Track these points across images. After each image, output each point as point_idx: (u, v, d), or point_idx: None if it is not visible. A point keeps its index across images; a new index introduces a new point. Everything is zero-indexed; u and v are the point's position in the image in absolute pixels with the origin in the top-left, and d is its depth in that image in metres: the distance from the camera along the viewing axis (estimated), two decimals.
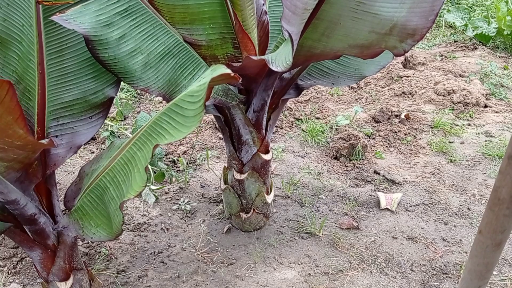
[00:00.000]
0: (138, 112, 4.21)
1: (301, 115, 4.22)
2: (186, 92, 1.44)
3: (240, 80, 2.22)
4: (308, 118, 4.15)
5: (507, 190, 1.05)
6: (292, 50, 1.82)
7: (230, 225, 2.83)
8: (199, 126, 4.07)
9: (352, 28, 1.74)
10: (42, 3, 1.72)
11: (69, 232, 1.89)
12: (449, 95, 4.43)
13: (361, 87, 4.87)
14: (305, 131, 3.93)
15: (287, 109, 4.27)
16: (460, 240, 2.68)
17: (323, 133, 3.87)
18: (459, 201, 3.04)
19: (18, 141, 1.32)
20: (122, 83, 2.02)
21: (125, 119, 4.21)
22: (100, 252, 2.61)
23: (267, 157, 2.57)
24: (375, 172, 3.37)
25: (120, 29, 1.87)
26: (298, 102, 4.46)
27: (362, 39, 1.76)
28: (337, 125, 3.96)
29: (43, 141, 1.55)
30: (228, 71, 1.36)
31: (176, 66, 2.07)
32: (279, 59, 1.91)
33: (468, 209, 2.96)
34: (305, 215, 2.93)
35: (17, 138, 1.29)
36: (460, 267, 2.48)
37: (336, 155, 3.58)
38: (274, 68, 1.87)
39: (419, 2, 1.64)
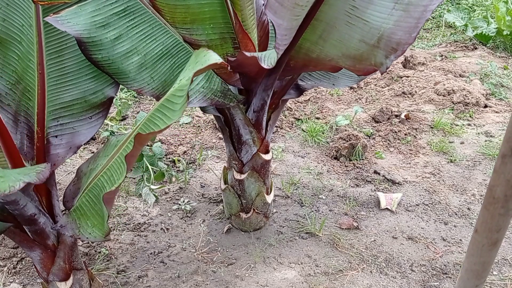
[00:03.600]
0: (138, 112, 4.21)
1: (301, 115, 4.22)
2: (177, 87, 1.43)
3: (240, 80, 2.24)
4: (308, 118, 4.15)
5: (501, 189, 1.05)
6: (276, 42, 1.82)
7: (230, 225, 2.83)
8: (199, 126, 4.07)
9: (345, 33, 1.77)
10: (37, 3, 1.71)
11: (66, 231, 1.88)
12: (449, 95, 4.43)
13: (361, 87, 4.87)
14: (305, 131, 3.93)
15: (287, 109, 4.27)
16: (460, 240, 2.68)
17: (323, 133, 3.87)
18: (459, 201, 3.04)
19: None
20: None
21: (124, 119, 4.21)
22: (100, 252, 2.61)
23: (267, 157, 2.57)
24: (375, 172, 3.37)
25: (116, 29, 1.85)
26: (298, 102, 4.46)
27: (354, 49, 1.79)
28: (337, 125, 3.96)
29: (13, 186, 1.47)
30: (216, 59, 1.34)
31: (173, 67, 2.07)
32: (272, 57, 1.91)
33: (468, 209, 2.96)
34: (305, 215, 2.93)
35: None
36: (460, 267, 2.48)
37: (336, 155, 3.58)
38: (264, 66, 1.87)
39: (405, 17, 1.67)
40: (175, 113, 1.40)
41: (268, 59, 1.90)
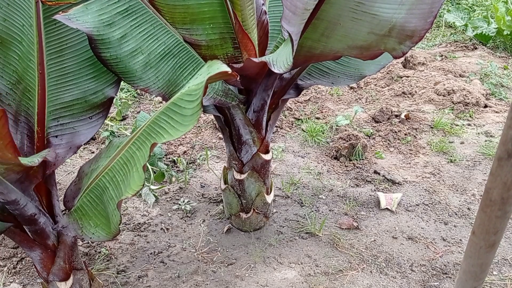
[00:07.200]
0: (138, 112, 4.21)
1: (301, 115, 4.22)
2: (184, 91, 1.44)
3: (240, 80, 2.24)
4: (308, 118, 4.15)
5: (498, 191, 1.06)
6: (292, 51, 1.82)
7: (230, 225, 2.83)
8: (199, 126, 4.07)
9: (351, 28, 1.74)
10: (45, 3, 1.72)
11: (68, 232, 1.88)
12: (449, 95, 4.43)
13: (361, 87, 4.87)
14: (305, 131, 3.93)
15: (287, 109, 4.27)
16: (460, 240, 2.68)
17: (323, 133, 3.87)
18: (459, 201, 3.04)
19: (7, 162, 1.43)
20: (122, 83, 2.02)
21: (124, 119, 4.21)
22: (100, 252, 2.61)
23: (267, 157, 2.57)
24: (375, 172, 3.37)
25: (121, 29, 1.87)
26: (298, 102, 4.46)
27: (361, 40, 1.76)
28: (337, 125, 3.96)
29: (32, 161, 1.56)
30: (226, 68, 1.35)
31: (176, 66, 2.08)
32: (280, 60, 1.91)
33: (468, 209, 2.96)
34: (305, 215, 2.93)
35: (6, 160, 1.39)
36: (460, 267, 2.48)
37: (336, 155, 3.58)
38: (275, 70, 1.87)
39: (418, 4, 1.64)
40: (186, 118, 1.40)
41: (278, 63, 1.89)
